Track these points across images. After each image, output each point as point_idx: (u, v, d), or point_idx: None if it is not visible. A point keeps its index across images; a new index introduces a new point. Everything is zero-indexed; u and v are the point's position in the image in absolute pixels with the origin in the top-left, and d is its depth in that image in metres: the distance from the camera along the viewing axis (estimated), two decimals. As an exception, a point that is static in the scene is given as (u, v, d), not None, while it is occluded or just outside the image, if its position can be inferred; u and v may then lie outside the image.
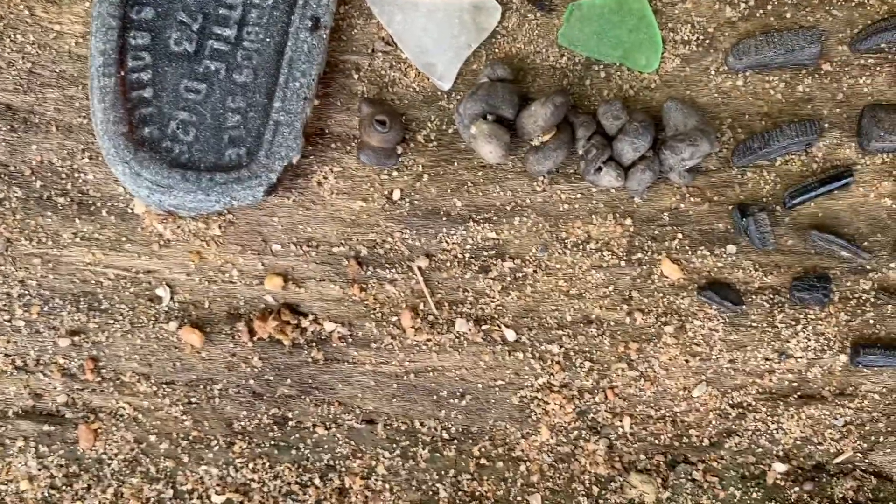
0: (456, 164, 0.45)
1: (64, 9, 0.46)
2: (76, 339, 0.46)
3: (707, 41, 0.45)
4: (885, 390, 0.45)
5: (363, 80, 0.45)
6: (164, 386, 0.46)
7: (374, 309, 0.45)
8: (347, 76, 0.45)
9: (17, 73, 0.46)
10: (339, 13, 0.45)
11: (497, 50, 0.45)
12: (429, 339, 0.45)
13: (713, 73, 0.45)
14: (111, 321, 0.46)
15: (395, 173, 0.45)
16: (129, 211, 0.45)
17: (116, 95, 0.42)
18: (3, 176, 0.46)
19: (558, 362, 0.45)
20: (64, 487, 0.46)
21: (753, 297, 0.45)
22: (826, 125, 0.45)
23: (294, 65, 0.42)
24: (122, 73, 0.42)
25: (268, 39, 0.43)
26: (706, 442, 0.45)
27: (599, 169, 0.43)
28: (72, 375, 0.46)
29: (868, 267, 0.45)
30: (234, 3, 0.43)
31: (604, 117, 0.43)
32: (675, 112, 0.43)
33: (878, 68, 0.45)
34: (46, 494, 0.46)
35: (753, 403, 0.45)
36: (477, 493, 0.46)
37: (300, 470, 0.46)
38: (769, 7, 0.45)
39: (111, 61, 0.42)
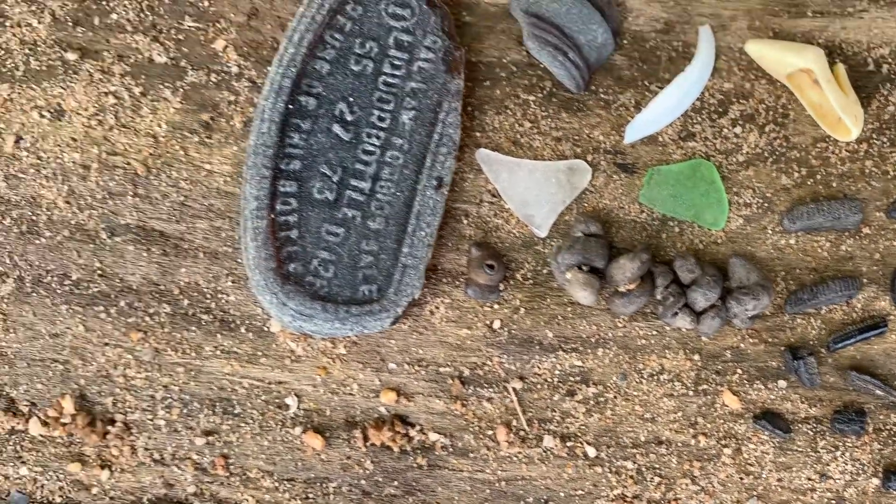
0: (548, 300, 0.52)
1: (214, 151, 0.53)
2: (210, 438, 0.52)
3: (766, 204, 0.53)
4: (910, 511, 0.52)
5: (471, 224, 0.53)
6: (286, 482, 0.52)
7: (473, 423, 0.52)
8: (458, 221, 0.53)
9: (171, 204, 0.53)
10: (454, 169, 0.52)
11: (586, 204, 0.53)
12: (519, 452, 0.52)
13: (770, 232, 0.53)
14: (243, 424, 0.52)
15: (496, 306, 0.52)
16: (266, 329, 0.52)
17: (267, 235, 0.49)
18: (154, 294, 0.53)
19: (631, 476, 0.52)
20: (188, 568, 0.53)
21: (800, 425, 0.52)
22: (865, 281, 0.52)
23: (421, 217, 0.50)
24: (273, 216, 0.49)
25: (398, 193, 0.50)
26: (754, 549, 0.52)
27: (675, 314, 0.50)
28: (203, 469, 0.53)
29: (898, 403, 0.52)
30: (370, 160, 0.50)
31: (680, 269, 0.50)
32: (739, 268, 0.51)
33: (909, 233, 0.53)
34: (172, 573, 0.53)
35: (797, 518, 0.52)
36: (552, 586, 0.53)
37: (399, 560, 0.53)
38: (818, 177, 0.53)
39: (263, 206, 0.49)
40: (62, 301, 0.53)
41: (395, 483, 0.52)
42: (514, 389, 0.52)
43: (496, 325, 0.52)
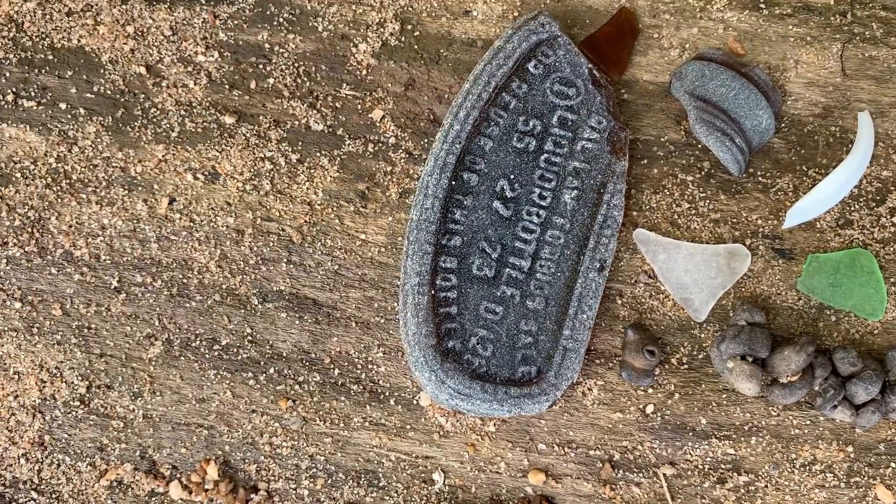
0: (703, 385, 0.52)
1: (369, 220, 0.53)
2: (354, 510, 0.52)
3: (924, 296, 0.52)
4: None
5: (625, 305, 0.52)
6: (427, 557, 0.52)
7: (621, 506, 0.52)
8: (612, 301, 0.52)
9: (325, 272, 0.53)
10: (612, 249, 0.52)
11: (743, 289, 0.52)
12: (667, 538, 0.51)
13: (929, 324, 0.52)
14: (387, 497, 0.52)
15: (650, 390, 0.52)
16: (415, 402, 0.52)
17: (428, 311, 0.49)
18: (304, 362, 0.52)
19: (781, 568, 0.51)
20: None
21: (955, 524, 0.51)
22: None
23: (583, 299, 0.49)
24: (433, 292, 0.49)
25: (558, 273, 0.50)
26: None
27: (835, 406, 0.49)
28: (344, 541, 0.52)
29: None
30: (529, 238, 0.50)
31: (840, 362, 0.50)
32: (901, 361, 0.50)
33: None
34: None
35: None
36: None
37: None
38: (978, 270, 0.52)
39: (425, 282, 0.49)
40: (210, 366, 0.52)
41: (539, 564, 0.52)
42: (664, 475, 0.51)
43: (649, 409, 0.51)
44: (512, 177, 0.51)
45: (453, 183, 0.50)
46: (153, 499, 0.53)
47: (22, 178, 0.54)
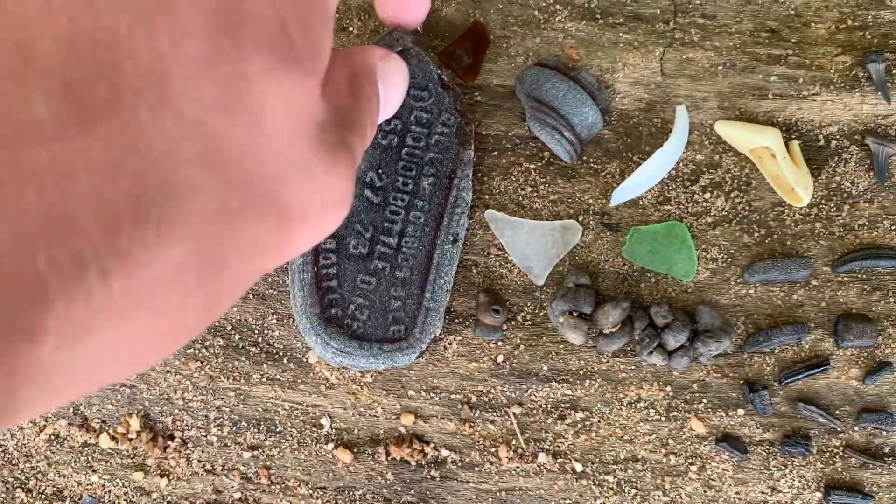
0: (544, 338, 0.62)
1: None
2: (255, 452, 0.62)
3: (729, 259, 0.62)
4: (847, 521, 0.62)
5: (480, 273, 0.62)
6: (318, 490, 0.62)
7: (479, 442, 0.62)
8: (469, 270, 0.62)
9: (226, 253, 0.62)
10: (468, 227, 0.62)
11: (577, 257, 0.62)
12: (518, 467, 0.61)
13: (733, 283, 0.62)
14: (283, 441, 0.62)
15: (500, 343, 0.62)
16: (305, 360, 0.62)
17: (312, 286, 0.58)
18: (210, 329, 0.62)
19: (612, 488, 0.61)
20: (234, 562, 0.62)
21: (755, 447, 0.62)
22: (812, 325, 0.62)
23: (440, 267, 0.59)
24: (316, 269, 0.59)
25: (420, 247, 0.60)
26: (716, 551, 0.62)
27: (651, 352, 0.60)
28: (248, 479, 0.62)
29: (838, 430, 0.62)
30: (396, 219, 0.60)
31: (655, 315, 0.60)
32: (705, 314, 0.60)
33: (850, 285, 0.62)
34: (220, 567, 0.62)
35: (752, 525, 0.62)
36: (544, 581, 0.62)
37: (414, 557, 0.62)
38: (775, 236, 0.63)
39: (308, 261, 0.59)
40: (131, 334, 0.62)
41: (412, 492, 0.62)
42: (514, 413, 0.61)
43: (500, 359, 0.61)
44: (379, 169, 0.60)
45: None
46: (86, 449, 0.62)
47: None
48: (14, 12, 0.21)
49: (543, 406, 0.61)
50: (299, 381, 0.62)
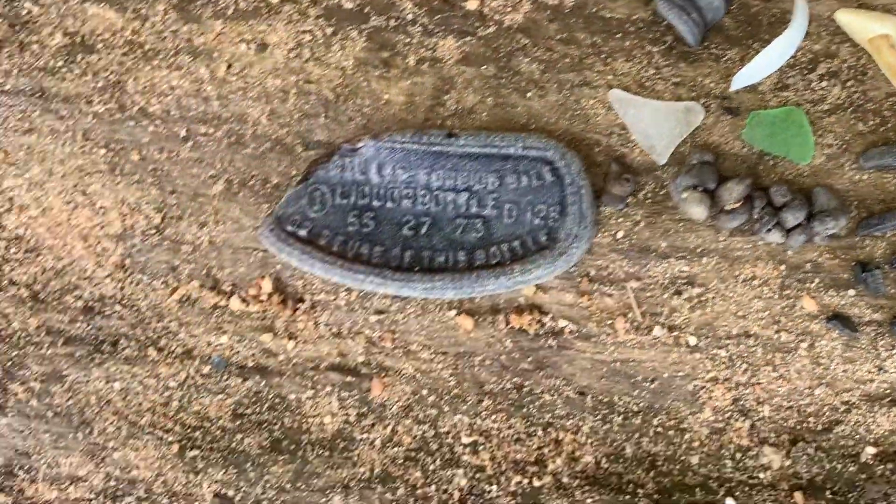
0: (664, 216, 0.64)
1: (391, 83, 0.64)
2: (380, 316, 0.64)
3: (844, 146, 0.64)
4: (950, 401, 0.64)
5: (601, 153, 0.64)
6: (440, 355, 0.64)
7: (596, 314, 0.64)
8: (591, 149, 0.64)
9: (356, 126, 0.64)
10: (587, 106, 0.63)
11: (698, 139, 0.64)
12: (633, 339, 0.64)
13: (847, 168, 0.64)
14: (408, 307, 0.64)
15: (620, 220, 0.64)
16: (430, 230, 0.64)
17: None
18: (340, 197, 0.64)
19: (723, 362, 0.64)
20: (355, 423, 0.65)
21: (864, 327, 0.64)
22: (923, 211, 0.64)
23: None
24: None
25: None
26: (820, 427, 0.64)
27: (769, 230, 0.62)
28: (372, 343, 0.64)
29: (945, 313, 0.64)
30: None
31: (774, 195, 0.62)
32: (822, 195, 0.62)
33: (961, 174, 0.64)
34: (341, 427, 0.65)
35: (857, 402, 0.64)
36: (651, 452, 0.64)
37: (528, 423, 0.64)
38: (889, 125, 0.64)
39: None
40: (264, 200, 0.64)
41: (529, 360, 0.64)
42: (631, 288, 0.64)
43: (619, 235, 0.64)
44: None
45: None
46: (216, 311, 0.65)
47: (103, 47, 0.65)
48: None
49: (660, 281, 0.64)
50: (425, 249, 0.64)
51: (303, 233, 0.60)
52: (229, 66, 0.64)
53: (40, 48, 0.65)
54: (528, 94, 0.64)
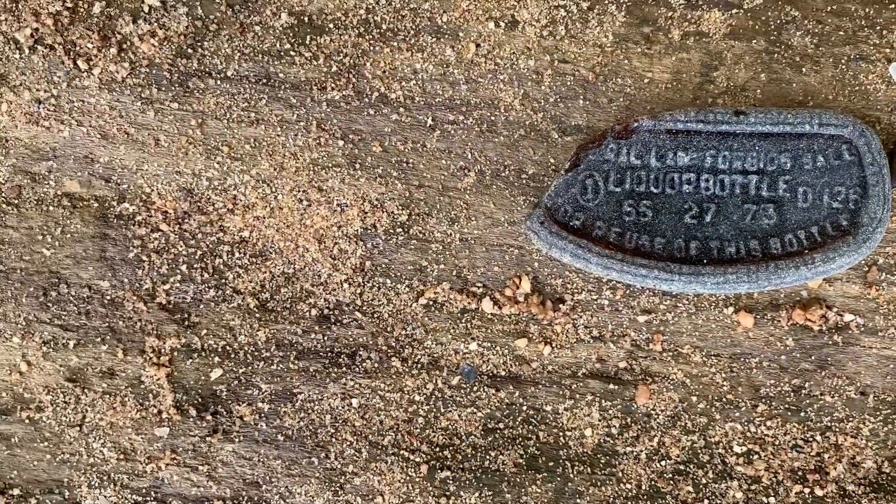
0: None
1: (654, 61, 0.59)
2: (649, 316, 0.59)
3: None
4: None
5: (884, 131, 0.59)
6: (713, 357, 0.59)
7: (883, 306, 0.59)
8: (872, 126, 0.59)
9: (617, 108, 0.59)
10: (865, 82, 0.59)
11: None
12: (923, 332, 0.59)
13: None
14: (679, 304, 0.59)
15: (907, 203, 0.59)
16: (705, 220, 0.59)
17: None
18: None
19: None
20: (617, 435, 0.59)
21: None
22: None
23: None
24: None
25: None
26: None
27: None
28: (638, 346, 0.59)
29: None
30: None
31: None
32: None
33: None
34: (602, 440, 0.59)
35: None
36: (936, 453, 0.60)
37: (805, 428, 0.59)
38: None
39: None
40: (519, 192, 0.59)
41: (811, 358, 0.59)
42: (921, 277, 0.59)
43: (908, 220, 0.59)
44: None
45: None
46: (465, 314, 0.59)
47: (335, 27, 0.59)
48: None
49: (951, 269, 0.59)
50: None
51: (576, 223, 0.55)
52: (477, 46, 0.59)
53: (263, 30, 0.59)
54: (804, 70, 0.59)
